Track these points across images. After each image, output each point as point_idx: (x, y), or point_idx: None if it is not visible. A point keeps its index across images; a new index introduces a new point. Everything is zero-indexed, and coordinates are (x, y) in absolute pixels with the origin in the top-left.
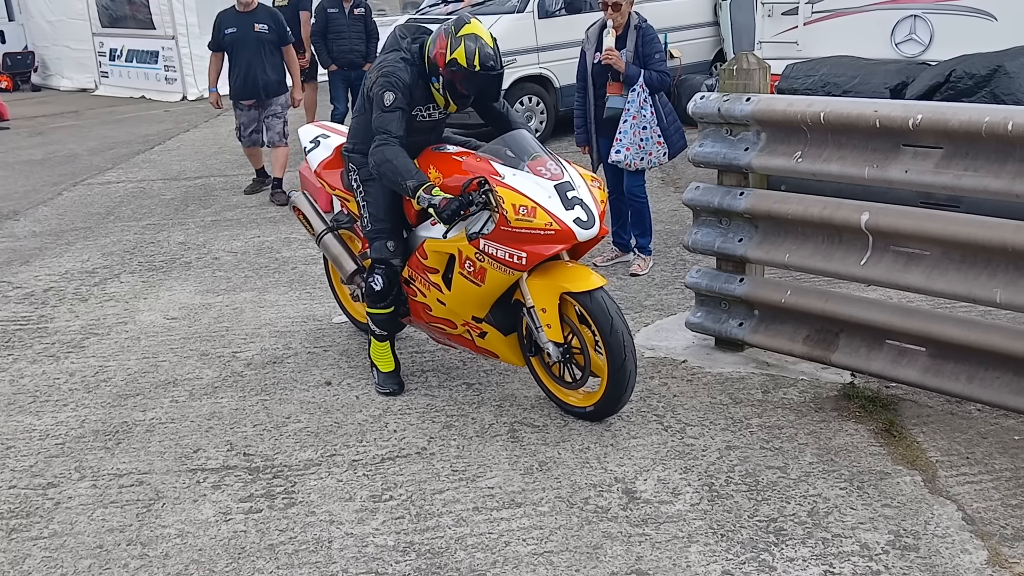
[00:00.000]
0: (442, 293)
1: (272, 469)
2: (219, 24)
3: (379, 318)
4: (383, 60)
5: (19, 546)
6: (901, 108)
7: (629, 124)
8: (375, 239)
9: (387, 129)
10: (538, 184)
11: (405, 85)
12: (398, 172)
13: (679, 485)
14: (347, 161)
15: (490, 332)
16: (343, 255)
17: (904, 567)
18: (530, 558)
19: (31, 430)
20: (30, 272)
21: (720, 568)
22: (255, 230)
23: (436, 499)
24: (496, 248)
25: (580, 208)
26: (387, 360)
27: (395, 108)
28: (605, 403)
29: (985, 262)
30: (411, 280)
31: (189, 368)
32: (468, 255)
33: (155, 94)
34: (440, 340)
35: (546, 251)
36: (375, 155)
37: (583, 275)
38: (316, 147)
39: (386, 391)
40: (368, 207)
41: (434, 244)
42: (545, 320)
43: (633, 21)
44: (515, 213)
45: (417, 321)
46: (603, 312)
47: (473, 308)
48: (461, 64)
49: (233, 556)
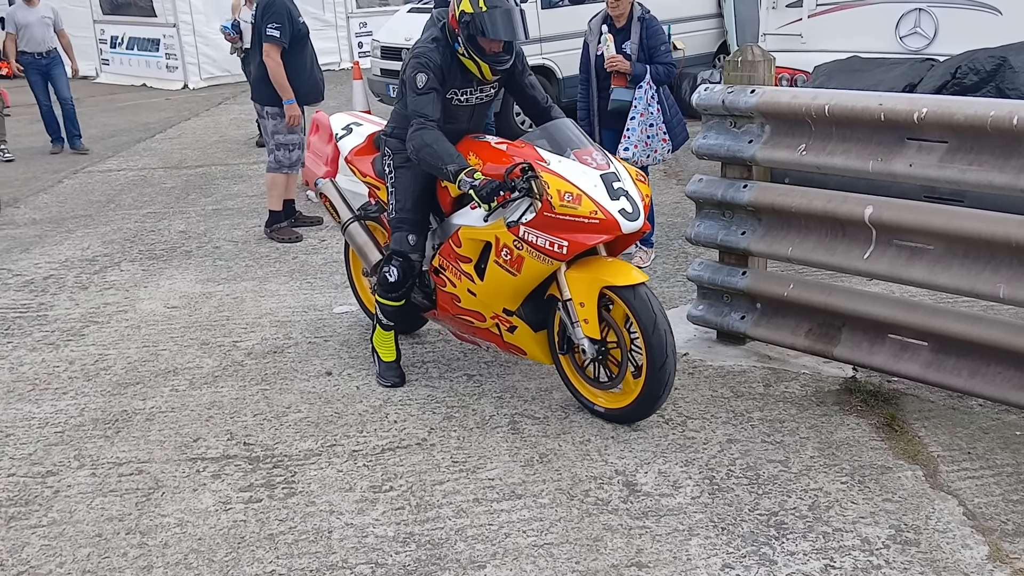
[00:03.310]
0: (474, 283)
1: (272, 459)
2: (288, 12)
3: (388, 309)
4: (417, 43)
5: (18, 534)
6: (906, 101)
7: (637, 121)
8: (397, 228)
9: (423, 112)
10: (584, 172)
11: (437, 66)
12: (438, 156)
13: (680, 478)
14: (383, 145)
15: (520, 327)
16: (368, 245)
17: (905, 562)
18: (530, 550)
19: (30, 418)
20: (30, 260)
21: (720, 561)
22: (256, 219)
23: (436, 490)
24: (536, 236)
25: (625, 199)
26: (389, 348)
27: (428, 90)
28: (640, 406)
29: (989, 257)
30: (441, 269)
31: (189, 357)
32: (506, 243)
33: (156, 82)
34: (464, 335)
35: (589, 241)
36: (413, 139)
37: (624, 269)
38: (348, 134)
39: (387, 383)
40: (396, 194)
41: (469, 232)
42: (583, 315)
43: (636, 13)
44: (560, 199)
45: (442, 315)
46: (647, 309)
47: (505, 299)
48: (469, 10)
49: (233, 545)
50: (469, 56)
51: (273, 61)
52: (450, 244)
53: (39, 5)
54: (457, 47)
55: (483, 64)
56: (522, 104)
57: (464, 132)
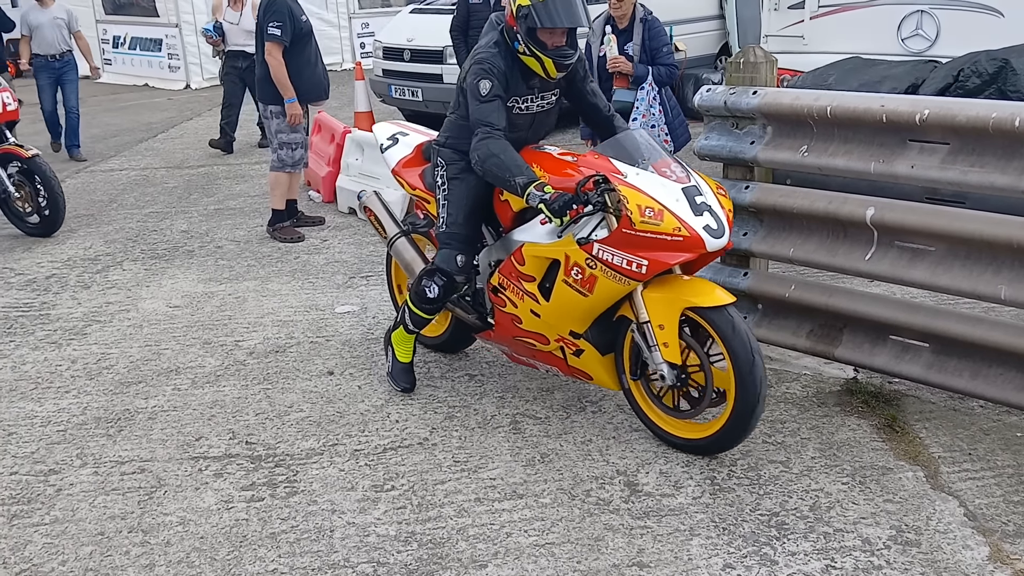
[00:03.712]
0: (538, 304)
1: (274, 458)
2: (290, 11)
3: (417, 319)
4: (477, 48)
5: (20, 532)
6: (908, 103)
7: (639, 123)
8: (446, 245)
9: (488, 121)
10: (664, 186)
11: (501, 72)
12: (505, 167)
13: (681, 478)
14: (435, 156)
15: (587, 350)
16: (416, 261)
17: (905, 562)
18: (531, 549)
19: (33, 416)
20: (32, 259)
21: (722, 561)
22: (258, 219)
23: (438, 489)
24: (612, 254)
25: (709, 215)
26: (407, 349)
27: (493, 97)
28: (726, 435)
29: (990, 258)
30: (501, 288)
31: (191, 356)
32: (577, 261)
33: (158, 82)
34: (520, 358)
35: (671, 260)
36: (479, 150)
37: (708, 289)
38: (394, 144)
39: (397, 386)
40: (448, 207)
41: (534, 249)
42: (662, 338)
43: (639, 14)
44: (640, 215)
45: (499, 336)
46: (736, 332)
47: (573, 322)
48: (525, 3)
49: (235, 544)
50: (531, 54)
51: (275, 60)
52: (511, 261)
53: (52, 6)
54: (517, 46)
55: (547, 60)
56: (583, 113)
57: (524, 143)
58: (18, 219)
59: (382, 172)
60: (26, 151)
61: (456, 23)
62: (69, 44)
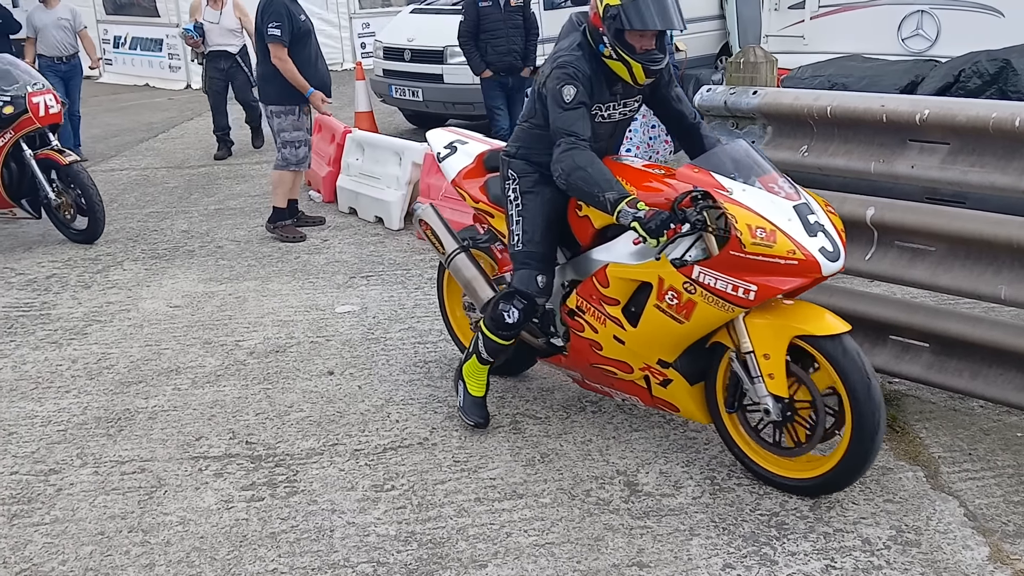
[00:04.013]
0: (622, 329)
1: (274, 458)
2: (288, 11)
3: (494, 346)
4: (558, 51)
5: (21, 532)
6: (908, 103)
7: (639, 123)
8: (523, 266)
9: (572, 130)
10: (774, 203)
11: (586, 77)
12: (593, 182)
13: (681, 478)
14: (505, 167)
15: (676, 380)
16: (478, 279)
17: (905, 563)
18: (531, 549)
19: (33, 416)
20: (33, 258)
21: (721, 561)
22: (258, 219)
23: (438, 489)
24: (715, 278)
25: (824, 236)
26: (481, 382)
27: (577, 104)
28: (838, 475)
29: (990, 258)
30: (579, 312)
31: (192, 356)
32: (672, 285)
33: (159, 82)
34: (593, 384)
35: (783, 285)
36: (563, 161)
37: (818, 315)
38: (452, 154)
39: (470, 421)
40: (523, 224)
41: (620, 270)
42: (767, 368)
43: None
44: (751, 236)
45: (572, 362)
46: (854, 363)
47: (662, 350)
48: (615, 2)
49: (235, 544)
50: (618, 57)
51: (281, 60)
52: (593, 283)
53: (57, 7)
54: (602, 49)
55: (635, 65)
56: (667, 120)
57: (604, 153)
58: (64, 226)
59: (382, 172)
60: (64, 157)
61: (466, 27)
62: (75, 46)
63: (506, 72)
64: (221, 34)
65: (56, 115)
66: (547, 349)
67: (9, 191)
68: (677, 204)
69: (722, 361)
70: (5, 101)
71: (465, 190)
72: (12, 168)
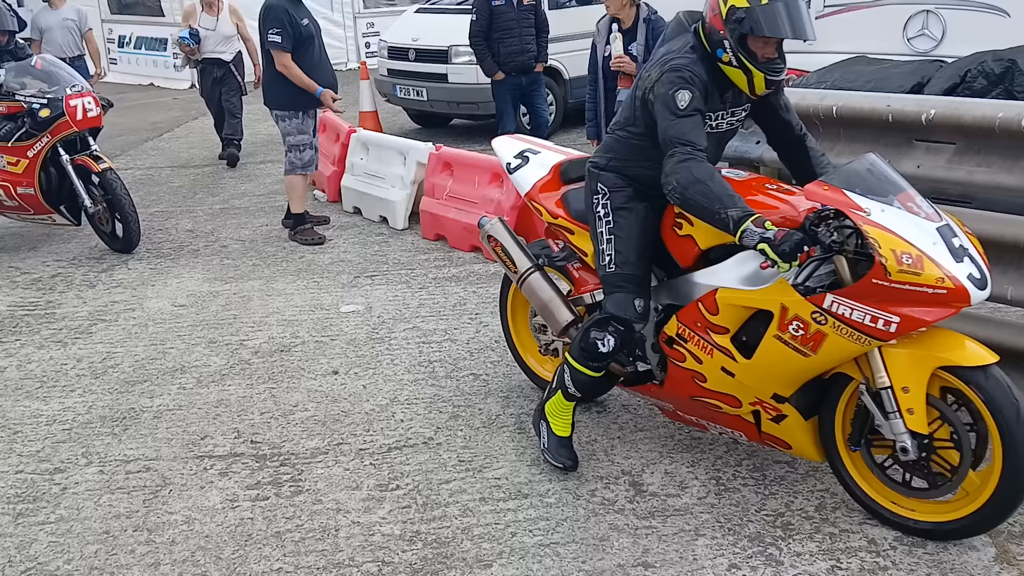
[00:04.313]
0: (732, 361)
1: (279, 457)
2: (288, 15)
3: (583, 379)
4: (666, 53)
5: (26, 531)
6: (914, 103)
7: None
8: (617, 289)
9: (688, 139)
10: (919, 226)
11: (702, 82)
12: (714, 197)
13: (686, 478)
14: (593, 180)
15: (791, 416)
16: (555, 301)
17: (911, 563)
18: (536, 549)
19: (38, 415)
20: (38, 258)
21: (727, 562)
22: (263, 218)
23: (443, 489)
24: (851, 308)
25: (970, 261)
26: (566, 421)
27: (693, 111)
28: (984, 519)
29: (996, 259)
30: (680, 340)
31: (197, 355)
32: (798, 314)
33: (163, 81)
34: (687, 417)
35: (928, 316)
36: (678, 173)
37: (961, 343)
38: (524, 164)
39: (557, 463)
40: (615, 243)
41: (732, 296)
42: (907, 403)
43: (643, 14)
44: (897, 263)
45: (668, 393)
46: (1006, 396)
47: (779, 384)
48: (742, 4)
49: (240, 543)
50: (738, 64)
51: (285, 67)
52: (699, 309)
53: (63, 7)
54: (721, 54)
55: (757, 74)
56: (771, 130)
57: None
58: (103, 234)
59: (386, 171)
60: (98, 164)
61: (478, 27)
62: (81, 48)
63: (519, 72)
64: (217, 41)
65: (95, 118)
66: (635, 378)
67: (47, 197)
68: (808, 224)
69: (844, 394)
70: (42, 104)
71: (541, 204)
72: (51, 173)
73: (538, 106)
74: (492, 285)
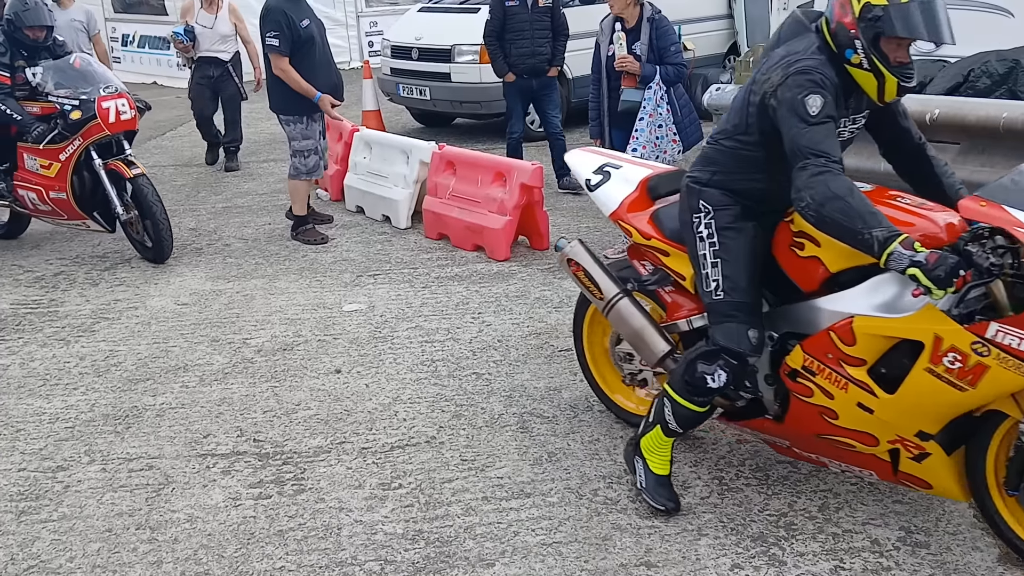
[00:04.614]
0: (872, 396)
1: (282, 455)
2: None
3: (686, 414)
4: (788, 54)
5: (28, 529)
6: (918, 103)
7: (646, 122)
8: (728, 319)
9: (822, 149)
10: None
11: (833, 85)
12: (856, 215)
13: (689, 478)
14: (694, 197)
15: (935, 454)
16: (648, 329)
17: (915, 564)
18: (539, 548)
19: (41, 413)
20: (41, 256)
21: (730, 562)
22: (266, 217)
23: (445, 488)
24: (1020, 338)
25: None
26: (665, 459)
27: (826, 117)
28: None
29: None
30: (807, 373)
31: (199, 354)
32: (956, 345)
33: (167, 80)
34: (806, 454)
35: None
36: (813, 188)
37: None
38: (606, 180)
39: (659, 506)
40: (723, 267)
41: (873, 325)
42: None
43: (646, 13)
44: None
45: (788, 431)
46: None
47: (927, 420)
48: (880, 2)
49: (242, 541)
50: (870, 67)
51: (280, 70)
52: (830, 339)
53: (71, 7)
54: (850, 55)
55: (890, 78)
56: (889, 139)
57: None
58: (137, 242)
59: (389, 171)
60: (129, 169)
61: (491, 27)
62: (88, 50)
63: (529, 75)
64: (214, 39)
65: (130, 121)
66: (738, 411)
67: (80, 202)
68: (963, 245)
69: (998, 432)
70: (73, 105)
71: (631, 224)
72: (84, 177)
73: (549, 112)
74: (494, 284)
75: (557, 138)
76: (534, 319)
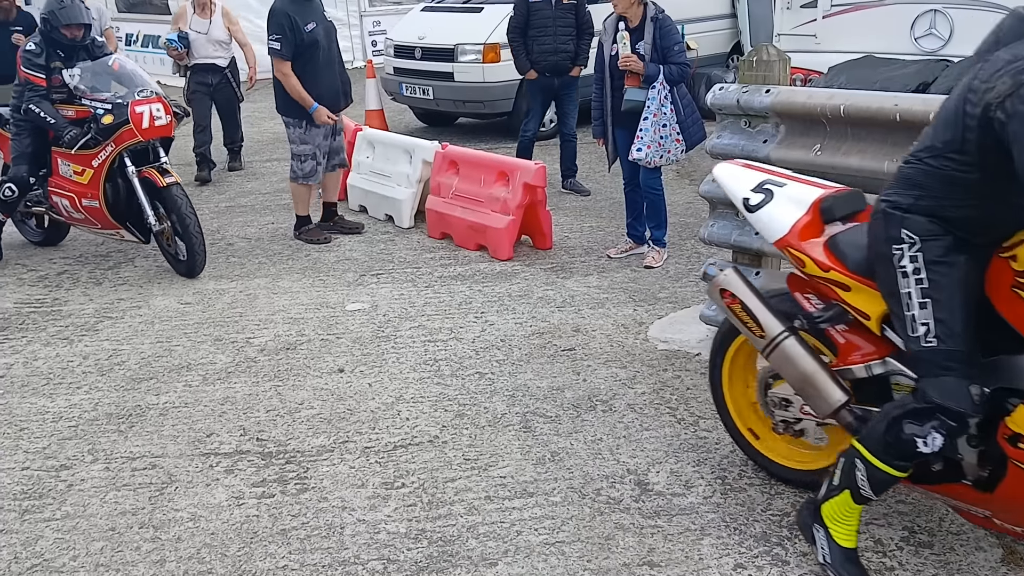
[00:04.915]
0: None
1: (285, 454)
2: (290, 21)
3: (883, 479)
4: (1017, 58)
5: (32, 527)
6: (922, 102)
7: (650, 122)
8: (945, 371)
9: None
10: None
11: None
12: None
13: (692, 478)
14: (894, 225)
15: None
16: (820, 374)
17: (918, 564)
18: (541, 548)
19: (44, 412)
20: (44, 255)
21: (733, 561)
22: (269, 216)
23: (448, 487)
24: None
25: None
26: (852, 529)
27: None
28: None
29: None
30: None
31: (203, 353)
32: None
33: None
34: (1007, 527)
35: None
36: None
37: None
38: (768, 200)
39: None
40: (935, 309)
41: None
42: None
43: (650, 13)
44: None
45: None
46: None
47: None
48: None
49: (245, 540)
50: None
51: (282, 74)
52: None
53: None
54: None
55: None
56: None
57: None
58: (168, 254)
59: (392, 170)
60: (163, 178)
61: (515, 24)
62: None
63: (551, 73)
64: (209, 45)
65: (165, 127)
66: (930, 474)
67: (113, 211)
68: None
69: None
70: (106, 109)
71: (805, 253)
72: (118, 185)
73: (567, 112)
74: (497, 284)
75: (569, 139)
76: (537, 319)
